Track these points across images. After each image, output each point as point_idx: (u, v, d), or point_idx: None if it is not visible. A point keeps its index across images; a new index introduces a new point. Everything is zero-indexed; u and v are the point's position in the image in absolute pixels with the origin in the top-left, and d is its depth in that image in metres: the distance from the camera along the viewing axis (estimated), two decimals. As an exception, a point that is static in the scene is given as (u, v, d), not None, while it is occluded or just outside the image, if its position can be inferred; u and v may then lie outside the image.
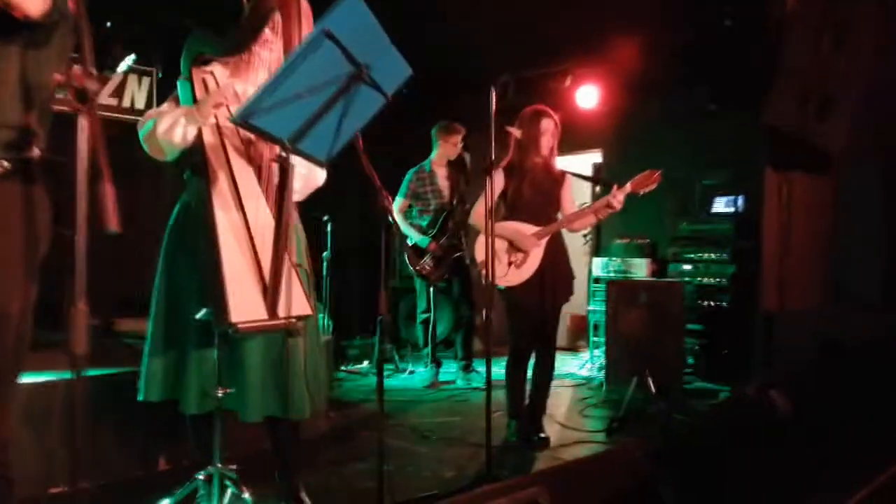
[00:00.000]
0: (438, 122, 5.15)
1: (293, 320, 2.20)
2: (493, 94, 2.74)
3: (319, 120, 1.57)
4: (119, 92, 5.05)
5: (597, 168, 6.69)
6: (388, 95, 1.70)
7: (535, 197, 3.57)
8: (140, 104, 5.14)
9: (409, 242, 4.98)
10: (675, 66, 5.49)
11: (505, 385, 3.64)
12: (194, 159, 2.23)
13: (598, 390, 4.91)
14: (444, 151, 5.12)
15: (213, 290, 2.06)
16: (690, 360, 5.08)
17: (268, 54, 2.32)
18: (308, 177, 2.39)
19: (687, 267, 5.25)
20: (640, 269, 5.47)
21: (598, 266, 5.72)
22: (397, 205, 5.09)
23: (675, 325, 4.71)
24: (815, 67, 3.21)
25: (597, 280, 5.68)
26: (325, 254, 5.27)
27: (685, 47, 5.34)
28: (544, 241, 3.51)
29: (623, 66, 5.76)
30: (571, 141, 7.01)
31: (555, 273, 3.55)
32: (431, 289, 4.99)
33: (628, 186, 3.54)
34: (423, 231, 4.98)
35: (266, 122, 1.43)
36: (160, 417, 2.60)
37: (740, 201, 5.03)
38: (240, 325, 2.05)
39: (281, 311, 2.15)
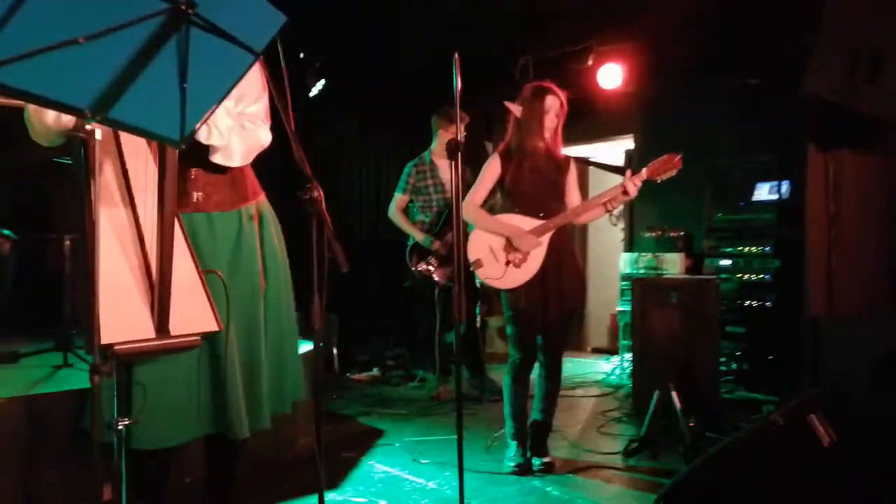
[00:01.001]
0: (438, 109, 4.70)
1: (195, 338, 1.83)
2: (456, 65, 2.27)
3: (133, 80, 1.16)
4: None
5: (629, 155, 6.12)
6: (248, 47, 1.28)
7: (537, 186, 3.09)
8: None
9: (410, 242, 4.56)
10: (709, 38, 4.92)
11: (504, 402, 3.19)
12: (74, 146, 1.86)
13: (625, 401, 4.41)
14: (443, 140, 4.67)
15: (84, 307, 1.68)
16: (733, 367, 4.52)
17: None
18: (244, 137, 2.02)
19: (725, 262, 4.68)
20: (673, 264, 4.91)
21: (627, 262, 5.18)
22: (395, 201, 4.68)
23: (711, 328, 4.17)
24: (864, 20, 2.65)
25: (626, 277, 5.15)
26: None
27: (720, 16, 4.75)
28: (546, 238, 3.04)
29: (651, 41, 5.22)
30: (601, 127, 6.57)
31: (561, 274, 3.08)
32: (437, 291, 4.56)
33: (644, 172, 3.05)
34: (425, 229, 4.55)
35: (31, 82, 1.03)
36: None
37: (785, 187, 4.43)
38: (116, 348, 1.67)
39: (175, 328, 1.76)
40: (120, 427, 1.87)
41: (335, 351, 5.17)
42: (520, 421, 3.15)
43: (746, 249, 4.56)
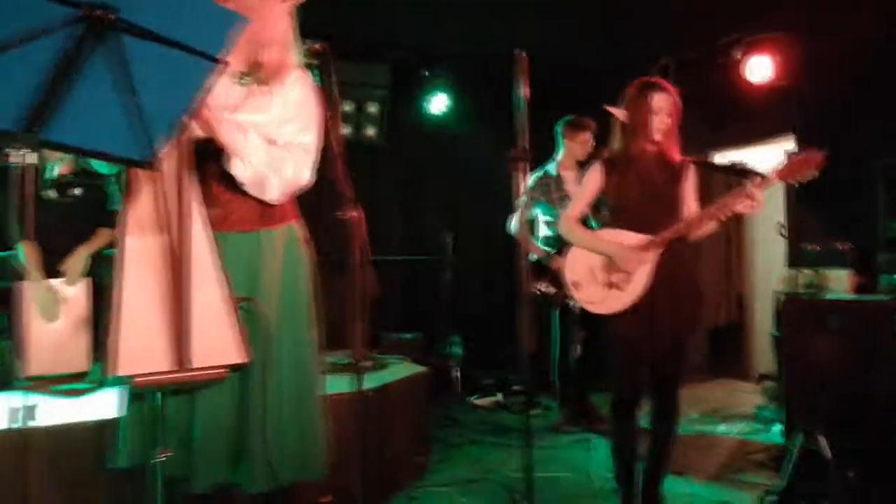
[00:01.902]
0: (564, 118, 4.40)
1: (222, 370, 1.72)
2: (523, 66, 2.01)
3: (65, 96, 1.05)
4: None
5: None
6: (201, 52, 1.13)
7: (645, 196, 2.71)
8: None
9: (532, 260, 4.28)
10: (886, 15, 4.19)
11: (608, 441, 2.82)
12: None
13: (776, 440, 3.80)
14: (571, 151, 4.37)
15: (105, 336, 1.64)
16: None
17: None
18: (283, 173, 1.90)
19: (905, 280, 3.90)
20: (839, 283, 4.19)
21: (784, 279, 4.52)
22: (516, 216, 4.42)
23: (883, 360, 3.48)
24: None
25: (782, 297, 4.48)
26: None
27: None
28: (653, 255, 2.66)
29: (810, 27, 4.55)
30: (756, 128, 5.86)
31: (674, 295, 2.67)
32: (558, 312, 4.24)
33: (773, 175, 2.58)
34: (549, 244, 4.25)
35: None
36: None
37: (983, 187, 3.62)
38: (137, 379, 1.61)
39: (197, 361, 1.67)
40: (154, 461, 1.81)
41: (458, 374, 5.00)
42: (626, 462, 2.76)
43: (932, 265, 3.77)
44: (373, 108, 5.12)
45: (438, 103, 5.32)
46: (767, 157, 6.03)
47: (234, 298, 1.77)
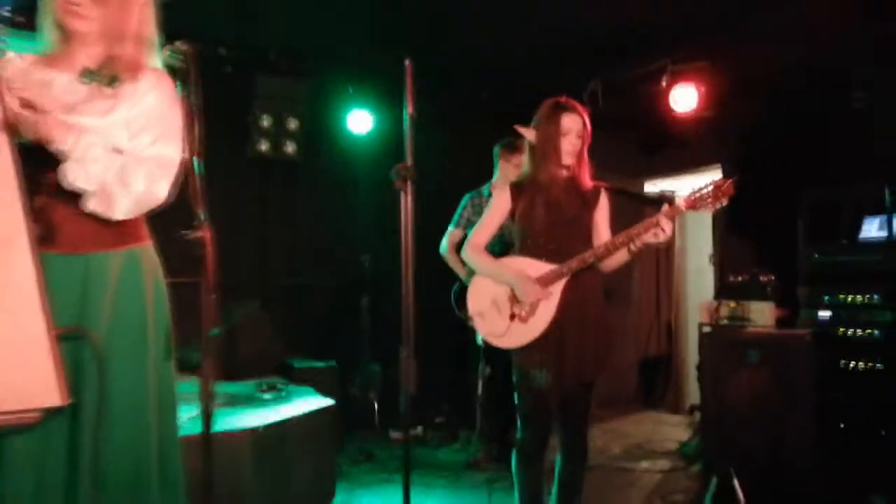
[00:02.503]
0: (501, 140, 4.25)
1: (33, 415, 1.47)
2: (408, 73, 1.84)
3: None
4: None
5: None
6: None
7: (553, 223, 2.56)
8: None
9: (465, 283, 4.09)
10: (800, 49, 4.20)
11: (515, 488, 2.63)
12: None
13: (697, 481, 3.67)
14: (505, 173, 4.20)
15: None
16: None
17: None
18: (133, 187, 1.67)
19: (824, 314, 3.86)
20: (761, 315, 4.12)
21: (703, 311, 4.44)
22: (448, 237, 4.23)
23: (803, 396, 3.41)
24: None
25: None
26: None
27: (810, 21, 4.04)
28: (559, 286, 2.50)
29: (734, 56, 4.55)
30: (686, 157, 5.86)
31: (581, 331, 2.51)
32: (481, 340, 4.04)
33: (682, 203, 2.47)
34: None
35: None
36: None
37: (898, 222, 3.60)
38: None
39: (5, 403, 1.42)
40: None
41: (376, 405, 4.76)
42: (532, 509, 2.58)
43: (850, 298, 3.73)
44: (292, 124, 4.90)
45: (362, 120, 5.13)
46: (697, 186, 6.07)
47: (55, 330, 1.52)
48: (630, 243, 2.44)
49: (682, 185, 6.18)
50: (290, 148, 4.93)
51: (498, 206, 2.66)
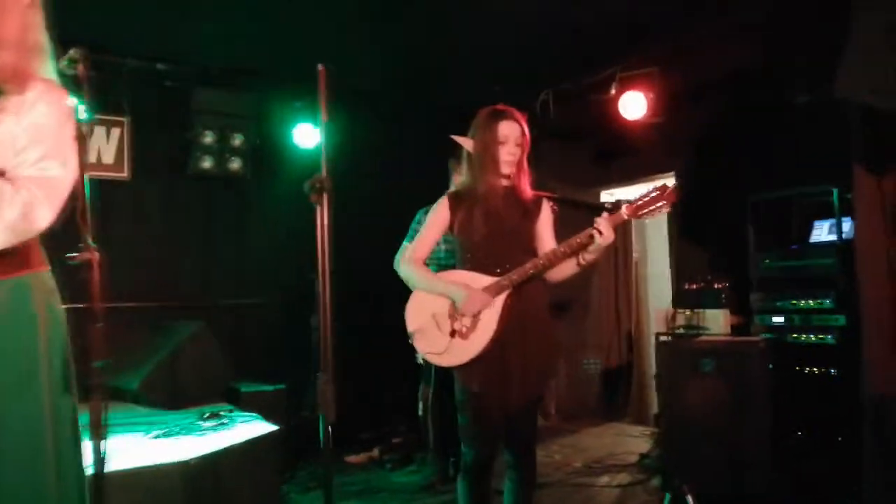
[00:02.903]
0: (456, 153, 4.14)
1: None
2: (321, 78, 1.73)
3: None
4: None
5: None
6: None
7: (494, 234, 2.45)
8: (108, 159, 4.59)
9: None
10: (745, 55, 4.19)
11: (459, 511, 2.50)
12: None
13: (656, 495, 3.58)
14: None
15: None
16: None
17: None
18: (7, 211, 1.51)
19: (778, 319, 3.82)
20: (716, 323, 4.08)
21: (658, 320, 4.39)
22: (402, 251, 4.10)
23: (757, 405, 3.35)
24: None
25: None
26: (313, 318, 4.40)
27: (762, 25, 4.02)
28: (500, 300, 2.39)
29: (682, 61, 4.53)
30: (639, 165, 5.83)
31: (525, 345, 2.40)
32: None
33: (624, 211, 2.38)
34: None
35: None
36: None
37: (847, 225, 3.58)
38: None
39: None
40: None
41: (329, 428, 4.57)
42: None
43: (803, 303, 3.69)
44: (237, 140, 4.75)
45: (310, 135, 4.99)
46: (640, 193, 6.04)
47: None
48: (575, 254, 2.35)
49: (635, 193, 6.15)
50: (235, 164, 4.77)
51: (436, 219, 2.55)
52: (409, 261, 2.54)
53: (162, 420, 3.54)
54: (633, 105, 4.49)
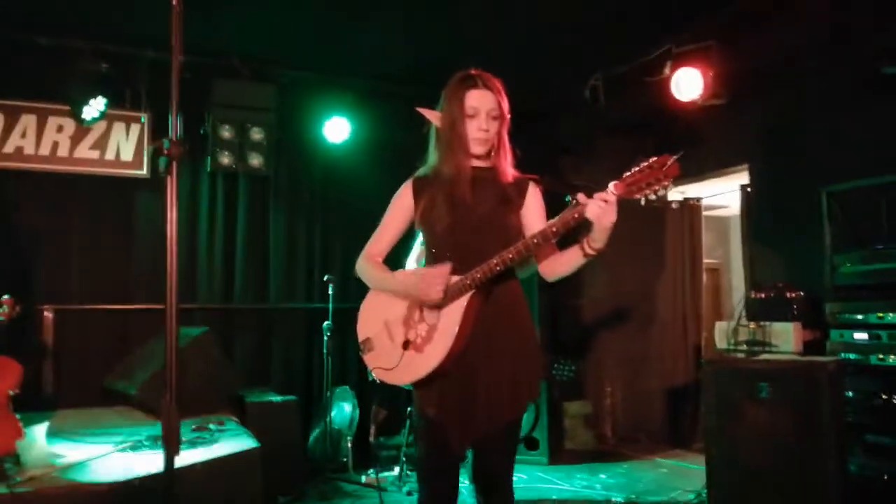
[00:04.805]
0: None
1: None
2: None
3: None
4: (102, 143, 4.40)
5: (745, 195, 4.64)
6: None
7: (462, 225, 1.99)
8: (127, 156, 4.45)
9: None
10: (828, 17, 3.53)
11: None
12: None
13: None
14: None
15: None
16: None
17: None
18: None
19: (860, 336, 3.13)
20: (785, 339, 3.44)
21: (720, 335, 3.76)
22: (412, 255, 3.71)
23: (827, 438, 2.70)
24: None
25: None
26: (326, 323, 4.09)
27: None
28: (461, 304, 1.93)
29: (743, 34, 3.88)
30: (709, 159, 5.13)
31: (493, 360, 1.93)
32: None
33: (612, 186, 1.84)
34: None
35: None
36: None
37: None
38: None
39: None
40: None
41: (348, 443, 4.22)
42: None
43: (891, 316, 2.99)
44: (258, 135, 4.50)
45: (337, 129, 4.68)
46: (723, 191, 5.34)
47: None
48: (550, 239, 1.86)
49: (706, 191, 5.46)
50: (255, 161, 4.52)
51: (396, 207, 2.12)
52: (364, 256, 2.12)
53: (150, 430, 3.29)
54: (688, 84, 3.88)
